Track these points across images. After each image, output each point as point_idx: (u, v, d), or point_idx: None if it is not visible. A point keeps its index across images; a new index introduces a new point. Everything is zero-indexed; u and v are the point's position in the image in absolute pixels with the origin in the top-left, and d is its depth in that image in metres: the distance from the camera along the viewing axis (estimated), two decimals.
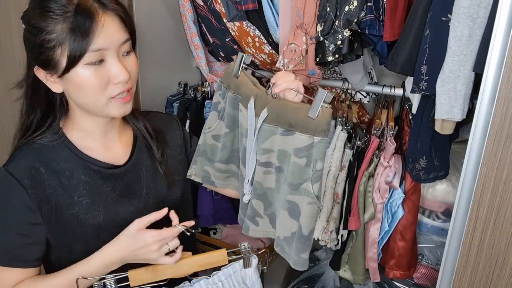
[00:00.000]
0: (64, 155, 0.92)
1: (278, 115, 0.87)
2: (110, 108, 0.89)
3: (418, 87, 1.07)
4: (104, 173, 0.95)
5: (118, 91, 0.87)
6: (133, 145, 1.03)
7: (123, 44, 0.87)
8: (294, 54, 1.27)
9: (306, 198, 0.89)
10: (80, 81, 0.85)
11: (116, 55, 0.86)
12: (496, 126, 0.86)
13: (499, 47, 0.83)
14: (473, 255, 0.98)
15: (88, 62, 0.83)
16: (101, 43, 0.82)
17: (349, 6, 1.14)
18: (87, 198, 0.92)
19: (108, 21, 0.84)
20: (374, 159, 1.34)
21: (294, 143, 0.87)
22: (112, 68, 0.85)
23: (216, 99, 1.02)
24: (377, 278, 1.44)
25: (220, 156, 1.04)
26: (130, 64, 0.89)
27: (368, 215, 1.36)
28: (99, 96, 0.86)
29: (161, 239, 0.88)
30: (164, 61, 1.54)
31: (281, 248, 0.97)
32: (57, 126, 0.95)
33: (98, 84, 0.85)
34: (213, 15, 1.48)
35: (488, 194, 0.92)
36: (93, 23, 0.81)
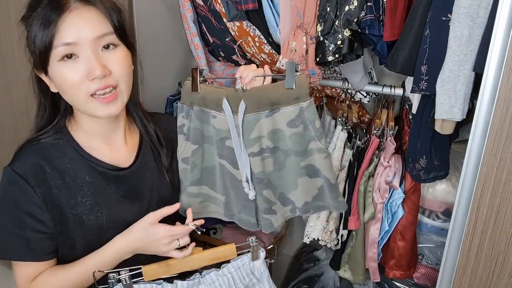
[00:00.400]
0: (69, 154, 0.92)
1: (258, 100, 0.90)
2: (92, 107, 0.86)
3: (418, 87, 1.07)
4: (109, 175, 0.95)
5: (95, 87, 0.84)
6: (139, 148, 1.02)
7: (100, 38, 0.83)
8: (295, 54, 1.27)
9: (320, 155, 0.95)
10: (57, 78, 0.84)
11: (91, 50, 0.82)
12: (496, 126, 0.86)
13: (499, 47, 0.83)
14: (473, 255, 0.98)
15: (60, 57, 0.81)
16: (69, 37, 0.80)
17: (349, 6, 1.14)
18: (90, 199, 0.92)
19: (80, 14, 0.81)
20: (374, 159, 1.34)
21: (283, 118, 0.91)
22: (86, 63, 0.82)
23: (180, 122, 1.02)
24: (377, 278, 1.44)
25: (191, 178, 1.04)
26: (112, 59, 0.85)
27: (368, 215, 1.36)
28: (77, 93, 0.84)
29: (172, 235, 0.89)
30: (164, 61, 1.54)
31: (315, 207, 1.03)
32: (63, 126, 0.95)
33: (72, 80, 0.83)
34: (213, 15, 1.48)
35: (488, 194, 0.92)
36: (61, 13, 0.80)
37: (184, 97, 0.99)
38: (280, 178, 1.00)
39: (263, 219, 1.03)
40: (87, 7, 0.83)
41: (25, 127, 1.59)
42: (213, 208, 1.10)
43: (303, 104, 0.91)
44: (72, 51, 0.82)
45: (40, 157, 0.90)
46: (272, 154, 0.95)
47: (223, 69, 1.65)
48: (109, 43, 0.85)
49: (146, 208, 0.99)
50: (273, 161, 0.97)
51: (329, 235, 1.43)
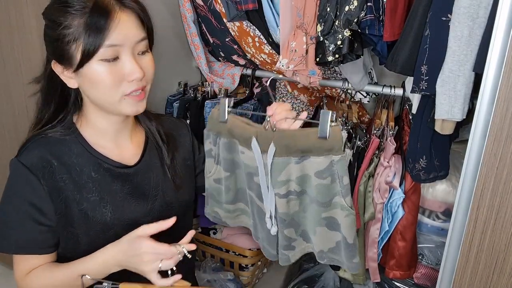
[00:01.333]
0: (76, 150, 0.93)
1: (288, 146, 0.87)
2: (123, 105, 0.89)
3: (418, 87, 1.07)
4: (114, 172, 0.95)
5: (132, 88, 0.87)
6: (144, 147, 1.03)
7: (138, 42, 0.87)
8: (295, 54, 1.27)
9: (342, 212, 0.90)
10: (94, 77, 0.85)
11: (131, 53, 0.86)
12: (496, 126, 0.86)
13: (499, 47, 0.83)
14: (473, 255, 0.98)
15: (102, 58, 0.84)
16: (116, 40, 0.83)
17: (349, 6, 1.14)
18: (95, 195, 0.93)
19: (124, 18, 0.84)
20: (374, 159, 1.34)
21: (313, 166, 0.87)
22: (126, 66, 0.86)
23: (208, 147, 1.02)
24: (377, 278, 1.44)
25: (226, 198, 1.05)
26: (145, 63, 0.90)
27: (368, 215, 1.36)
28: (112, 93, 0.87)
29: (154, 253, 0.83)
30: (164, 61, 1.54)
31: (329, 259, 0.99)
32: (70, 121, 0.96)
33: (111, 81, 0.85)
34: (213, 15, 1.48)
35: (488, 194, 0.92)
36: (109, 19, 0.82)
37: (210, 125, 0.98)
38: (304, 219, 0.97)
39: (282, 253, 1.02)
40: (129, 12, 0.86)
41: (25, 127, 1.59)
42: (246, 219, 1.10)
43: (335, 157, 0.85)
44: (115, 54, 0.85)
45: (47, 150, 0.91)
46: (298, 197, 0.92)
47: (223, 69, 1.65)
48: (145, 49, 0.90)
49: (150, 207, 0.99)
50: (299, 203, 0.95)
51: None
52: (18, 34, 1.47)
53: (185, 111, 1.58)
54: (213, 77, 1.63)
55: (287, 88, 1.60)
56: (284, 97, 1.62)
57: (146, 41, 0.90)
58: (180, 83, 1.65)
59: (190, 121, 1.56)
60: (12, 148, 1.61)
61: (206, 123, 1.53)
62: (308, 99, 1.61)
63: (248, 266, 1.78)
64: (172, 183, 1.04)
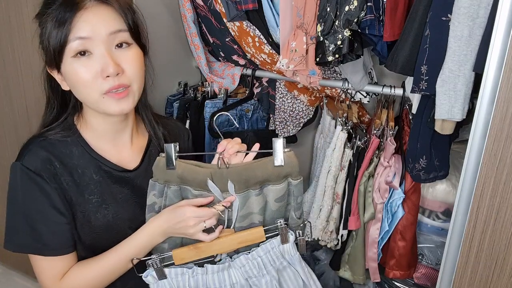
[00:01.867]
0: (77, 152, 0.93)
1: (246, 180, 0.87)
2: (105, 104, 0.86)
3: (418, 87, 1.07)
4: (114, 175, 0.95)
5: (108, 86, 0.83)
6: (145, 151, 1.02)
7: (112, 34, 0.83)
8: (295, 54, 1.27)
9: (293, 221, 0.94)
10: (70, 75, 0.84)
11: (105, 47, 0.83)
12: (496, 126, 0.86)
13: (499, 47, 0.83)
14: (473, 255, 0.98)
15: (74, 53, 0.82)
16: (82, 31, 0.81)
17: (349, 6, 1.14)
18: (97, 196, 0.93)
19: (95, 10, 0.82)
20: (374, 159, 1.34)
21: (272, 194, 0.89)
22: (99, 59, 0.82)
23: (151, 200, 0.93)
24: (377, 278, 1.44)
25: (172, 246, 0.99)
26: (125, 58, 0.85)
27: (368, 215, 1.36)
28: (90, 91, 0.84)
29: (197, 216, 0.87)
30: (164, 61, 1.54)
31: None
32: (70, 123, 0.95)
33: (86, 77, 0.83)
34: (213, 15, 1.48)
35: (488, 194, 0.92)
36: (74, 11, 0.81)
37: (157, 174, 0.90)
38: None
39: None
40: (102, 5, 0.84)
41: (25, 127, 1.59)
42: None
43: (293, 181, 0.89)
44: (85, 47, 0.82)
45: (49, 152, 0.90)
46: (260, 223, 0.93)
47: (223, 69, 1.66)
48: (122, 41, 0.85)
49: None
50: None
51: (329, 235, 1.43)
52: (18, 34, 1.47)
53: (185, 111, 1.58)
54: (213, 77, 1.63)
55: (286, 88, 1.60)
56: (284, 97, 1.62)
57: (126, 34, 0.85)
58: (180, 83, 1.65)
59: (190, 121, 1.56)
60: (12, 148, 1.61)
61: (206, 123, 1.54)
62: (308, 99, 1.61)
63: None
64: None
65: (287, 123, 1.66)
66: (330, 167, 1.37)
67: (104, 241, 0.93)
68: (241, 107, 1.62)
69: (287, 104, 1.63)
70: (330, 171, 1.37)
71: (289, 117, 1.65)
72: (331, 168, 1.37)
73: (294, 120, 1.65)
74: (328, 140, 1.43)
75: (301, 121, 1.67)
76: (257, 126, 1.69)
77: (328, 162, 1.37)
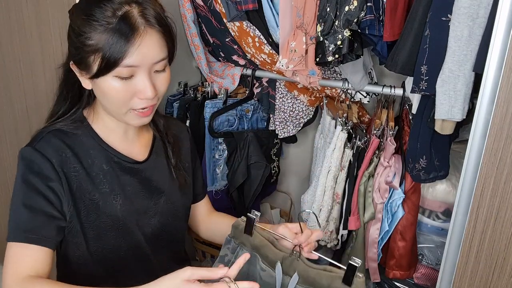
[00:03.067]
0: (88, 143, 0.94)
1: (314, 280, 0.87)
2: (128, 117, 0.90)
3: (418, 87, 1.07)
4: (124, 166, 0.97)
5: (141, 106, 0.88)
6: (152, 145, 1.04)
7: (157, 63, 0.86)
8: (294, 54, 1.27)
9: None
10: (107, 90, 0.86)
11: (147, 72, 0.85)
12: (496, 126, 0.86)
13: (499, 47, 0.83)
14: (473, 255, 0.98)
15: (118, 75, 0.83)
16: (134, 61, 0.82)
17: (349, 6, 1.14)
18: (106, 186, 0.94)
19: (147, 38, 0.83)
20: (374, 159, 1.34)
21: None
22: (140, 84, 0.85)
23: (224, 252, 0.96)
24: (377, 278, 1.45)
25: None
26: (160, 81, 0.89)
27: (368, 215, 1.36)
28: (120, 106, 0.87)
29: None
30: None
31: None
32: (81, 115, 0.97)
33: (123, 97, 0.86)
34: (213, 15, 1.48)
35: (488, 194, 0.92)
36: (131, 40, 0.81)
37: (234, 233, 0.95)
38: None
39: None
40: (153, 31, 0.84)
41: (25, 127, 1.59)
42: None
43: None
44: (132, 73, 0.84)
45: (62, 141, 0.92)
46: None
47: (223, 69, 1.66)
48: (162, 68, 0.88)
49: (155, 203, 1.00)
50: None
51: (329, 235, 1.43)
52: (18, 34, 1.47)
53: (185, 111, 1.58)
54: (213, 77, 1.63)
55: (286, 88, 1.60)
56: (284, 97, 1.62)
57: (165, 61, 0.88)
58: (180, 83, 1.65)
59: (190, 121, 1.56)
60: (12, 149, 1.61)
61: (206, 123, 1.54)
62: (308, 99, 1.61)
63: None
64: (177, 182, 1.05)
65: (287, 123, 1.66)
66: (330, 167, 1.37)
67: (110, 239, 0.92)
68: (241, 107, 1.62)
69: (287, 104, 1.63)
70: (330, 171, 1.37)
71: (289, 117, 1.65)
72: (331, 168, 1.37)
73: (294, 120, 1.65)
74: (328, 140, 1.43)
75: (301, 121, 1.67)
76: (257, 126, 1.69)
77: (328, 162, 1.37)
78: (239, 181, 1.56)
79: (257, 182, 1.58)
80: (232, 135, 1.57)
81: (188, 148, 1.13)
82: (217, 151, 1.58)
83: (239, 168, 1.56)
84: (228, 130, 1.60)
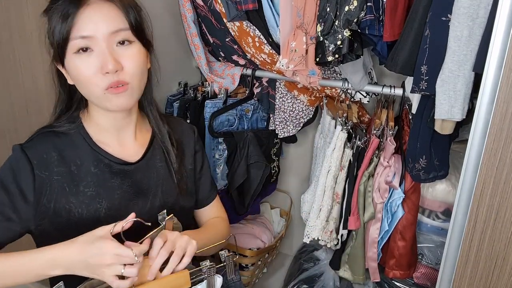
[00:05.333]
0: (78, 143, 0.94)
1: None
2: (106, 99, 0.87)
3: (418, 87, 1.07)
4: (114, 168, 0.95)
5: (107, 81, 0.84)
6: (149, 145, 1.02)
7: (115, 33, 0.85)
8: (294, 54, 1.27)
9: None
10: (73, 71, 0.86)
11: (106, 44, 0.84)
12: (496, 126, 0.87)
13: (499, 47, 0.83)
14: (472, 255, 0.98)
15: (75, 50, 0.84)
16: (86, 30, 0.83)
17: (349, 6, 1.14)
18: (92, 189, 0.92)
19: (97, 7, 0.84)
20: (374, 159, 1.34)
21: None
22: (100, 56, 0.84)
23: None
24: (377, 278, 1.45)
25: None
26: (125, 55, 0.86)
27: (368, 215, 1.36)
28: (91, 86, 0.86)
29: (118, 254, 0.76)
30: (164, 61, 1.54)
31: None
32: (76, 116, 0.97)
33: (87, 73, 0.84)
34: (213, 15, 1.48)
35: (488, 194, 0.92)
36: (77, 7, 0.82)
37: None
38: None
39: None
40: (105, 2, 0.85)
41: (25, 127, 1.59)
42: None
43: None
44: (87, 45, 0.84)
45: (51, 142, 0.92)
46: None
47: (223, 69, 1.66)
48: (124, 39, 0.86)
49: (149, 206, 0.98)
50: None
51: (329, 235, 1.43)
52: (18, 34, 1.47)
53: (185, 111, 1.58)
54: (213, 77, 1.63)
55: (286, 88, 1.60)
56: (284, 97, 1.62)
57: (127, 32, 0.87)
58: (180, 83, 1.65)
59: (190, 121, 1.56)
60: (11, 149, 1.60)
61: (206, 123, 1.54)
62: (308, 99, 1.61)
63: (248, 266, 1.78)
64: (177, 187, 1.03)
65: (287, 123, 1.66)
66: (330, 167, 1.37)
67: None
68: (241, 107, 1.62)
69: (287, 104, 1.63)
70: (330, 171, 1.37)
71: (289, 117, 1.65)
72: (331, 168, 1.37)
73: (294, 120, 1.66)
74: (328, 140, 1.43)
75: (301, 121, 1.67)
76: (257, 126, 1.69)
77: (328, 162, 1.37)
78: (239, 181, 1.56)
79: (257, 182, 1.58)
80: (232, 135, 1.57)
81: (192, 148, 1.10)
82: (217, 151, 1.58)
83: (239, 168, 1.56)
84: (228, 130, 1.60)
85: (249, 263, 1.77)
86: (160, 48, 1.51)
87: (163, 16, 1.50)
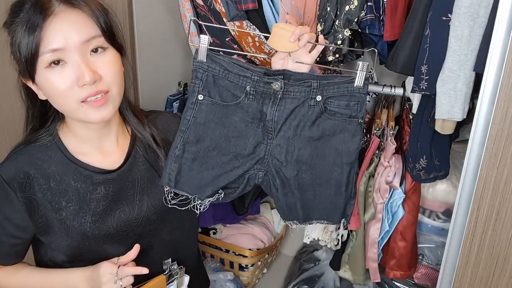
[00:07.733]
0: (56, 158, 0.90)
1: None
2: (84, 112, 0.82)
3: (419, 87, 1.06)
4: (96, 179, 0.91)
5: (86, 93, 0.80)
6: (129, 149, 0.97)
7: (87, 41, 0.79)
8: None
9: None
10: (46, 86, 0.81)
11: (79, 55, 0.79)
12: (497, 126, 0.86)
13: (499, 47, 0.82)
14: (473, 255, 0.98)
15: (47, 64, 0.78)
16: (56, 42, 0.77)
17: (349, 6, 1.13)
18: (74, 203, 0.90)
19: (64, 17, 0.78)
20: (374, 159, 1.34)
21: None
22: (75, 68, 0.79)
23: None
24: (377, 278, 1.44)
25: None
26: (101, 63, 0.81)
27: (368, 215, 1.36)
28: (66, 100, 0.81)
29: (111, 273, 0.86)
30: (164, 61, 1.54)
31: None
32: (52, 130, 0.92)
33: (61, 88, 0.79)
34: (213, 14, 1.48)
35: (489, 194, 0.92)
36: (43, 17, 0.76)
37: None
38: None
39: None
40: (72, 10, 0.79)
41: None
42: None
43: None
44: (59, 57, 0.78)
45: (26, 161, 0.88)
46: None
47: None
48: (97, 46, 0.81)
49: (137, 211, 0.95)
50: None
51: (329, 235, 1.43)
52: None
53: None
54: None
55: None
56: None
57: (100, 39, 0.81)
58: (180, 83, 1.65)
59: None
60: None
61: None
62: None
63: (248, 266, 1.78)
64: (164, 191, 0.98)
65: None
66: None
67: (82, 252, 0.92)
68: None
69: None
70: None
71: None
72: None
73: None
74: None
75: None
76: None
77: None
78: None
79: None
80: None
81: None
82: None
83: None
84: None
85: (249, 263, 1.77)
86: (160, 48, 1.51)
87: (163, 16, 1.50)
